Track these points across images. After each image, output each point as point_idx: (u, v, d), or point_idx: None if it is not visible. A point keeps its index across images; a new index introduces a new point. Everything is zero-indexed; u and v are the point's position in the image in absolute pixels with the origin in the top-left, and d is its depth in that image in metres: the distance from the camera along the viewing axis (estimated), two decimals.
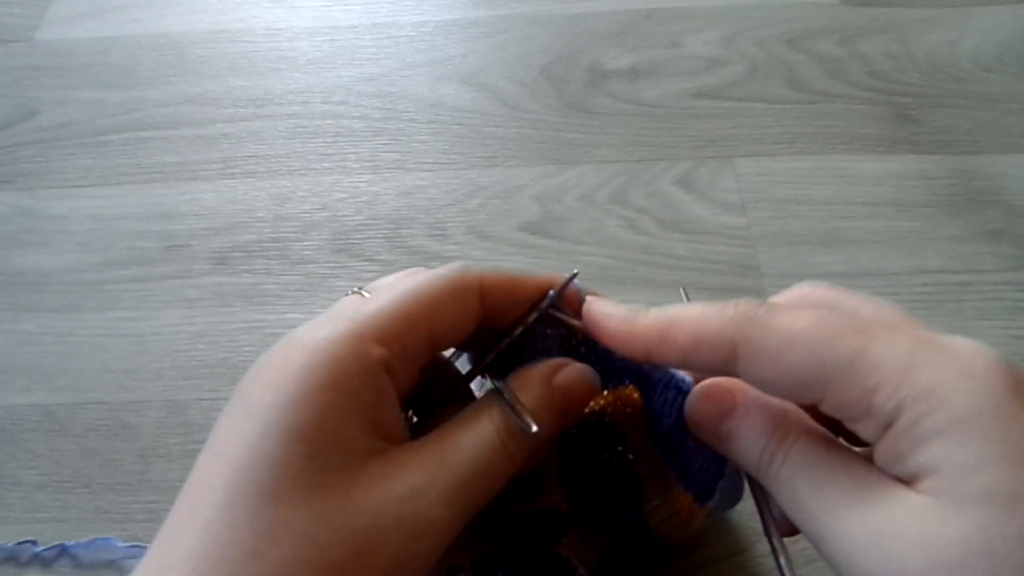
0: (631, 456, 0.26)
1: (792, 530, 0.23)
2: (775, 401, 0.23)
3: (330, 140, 0.50)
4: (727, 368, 0.21)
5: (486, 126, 0.50)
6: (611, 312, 0.24)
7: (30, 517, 0.36)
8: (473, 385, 0.26)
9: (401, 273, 0.25)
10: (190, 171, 0.49)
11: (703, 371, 0.24)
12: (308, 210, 0.47)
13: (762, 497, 0.23)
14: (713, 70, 0.52)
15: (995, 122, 0.49)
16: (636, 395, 0.26)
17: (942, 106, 0.50)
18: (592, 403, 0.26)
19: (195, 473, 0.20)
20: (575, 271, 0.25)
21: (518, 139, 0.49)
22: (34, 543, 0.35)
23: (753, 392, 0.23)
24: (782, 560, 0.22)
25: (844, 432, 0.21)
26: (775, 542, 0.23)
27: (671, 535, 0.27)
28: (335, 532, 0.19)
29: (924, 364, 0.19)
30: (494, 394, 0.23)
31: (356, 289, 0.24)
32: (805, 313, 0.20)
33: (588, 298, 0.25)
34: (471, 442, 0.22)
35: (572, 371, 0.24)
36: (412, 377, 0.23)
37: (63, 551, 0.35)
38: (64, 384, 0.40)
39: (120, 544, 0.35)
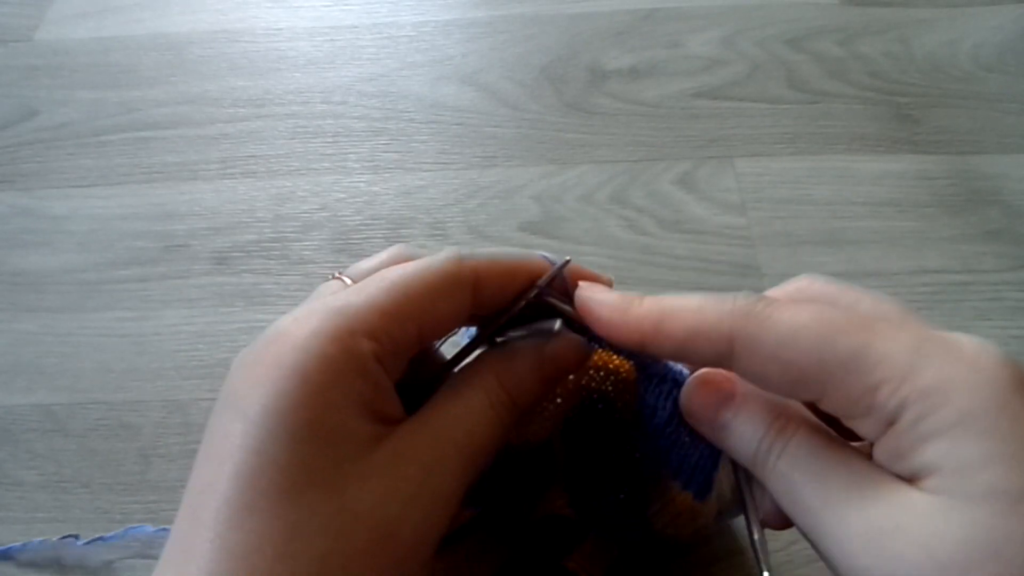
0: (638, 455, 0.26)
1: (783, 523, 0.22)
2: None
3: (330, 140, 0.50)
4: (723, 363, 0.21)
5: (486, 126, 0.50)
6: (604, 299, 0.23)
7: (30, 517, 0.36)
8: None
9: (383, 255, 0.25)
10: (190, 171, 0.49)
11: (698, 364, 0.24)
12: (308, 210, 0.47)
13: (747, 488, 0.23)
14: (713, 70, 0.52)
15: (995, 122, 0.49)
16: (628, 366, 0.25)
17: (942, 106, 0.50)
18: (587, 378, 0.26)
19: (195, 482, 0.20)
20: (567, 259, 0.24)
21: (518, 139, 0.49)
22: (76, 537, 0.35)
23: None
24: (761, 557, 0.22)
25: (841, 428, 0.21)
26: (757, 536, 0.22)
27: (677, 535, 0.26)
28: (358, 520, 0.19)
29: (928, 361, 0.18)
30: (482, 358, 0.24)
31: (337, 274, 0.24)
32: (805, 308, 0.20)
33: (581, 284, 0.24)
34: (468, 414, 0.22)
35: (562, 340, 0.24)
36: (402, 367, 0.22)
37: (101, 541, 0.35)
38: (64, 384, 0.40)
39: (151, 529, 0.35)
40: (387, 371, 0.21)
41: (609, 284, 0.25)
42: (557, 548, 0.27)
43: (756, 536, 0.22)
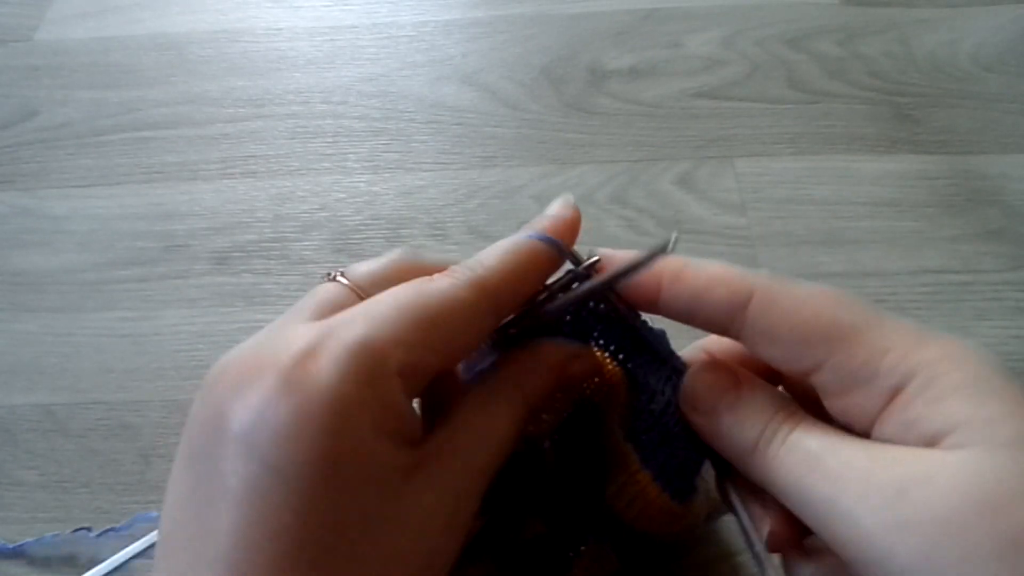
0: (605, 441, 0.25)
1: (775, 547, 0.22)
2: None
3: (330, 140, 0.50)
4: (734, 318, 0.22)
5: (486, 126, 0.50)
6: (626, 253, 0.24)
7: (30, 517, 0.36)
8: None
9: (384, 259, 0.24)
10: (190, 171, 0.49)
11: (706, 320, 0.23)
12: (308, 210, 0.47)
13: (736, 497, 0.23)
14: (713, 70, 0.52)
15: (995, 122, 0.49)
16: (618, 372, 0.25)
17: (942, 106, 0.50)
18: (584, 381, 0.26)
19: (214, 524, 0.18)
20: (593, 258, 0.25)
21: (518, 139, 0.49)
22: (89, 529, 0.35)
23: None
24: (764, 562, 0.22)
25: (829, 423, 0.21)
26: (758, 547, 0.22)
27: (657, 531, 0.26)
28: (403, 556, 0.19)
29: (931, 338, 0.20)
30: (506, 374, 0.24)
31: (333, 274, 0.23)
32: (821, 286, 0.22)
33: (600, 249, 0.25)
34: (494, 431, 0.22)
35: (581, 355, 0.25)
36: (420, 391, 0.22)
37: (113, 531, 0.35)
38: (64, 384, 0.40)
39: (157, 515, 0.35)
40: (409, 399, 0.21)
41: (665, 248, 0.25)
42: (555, 565, 0.27)
43: (758, 548, 0.22)
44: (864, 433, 0.20)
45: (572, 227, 0.25)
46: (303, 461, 0.18)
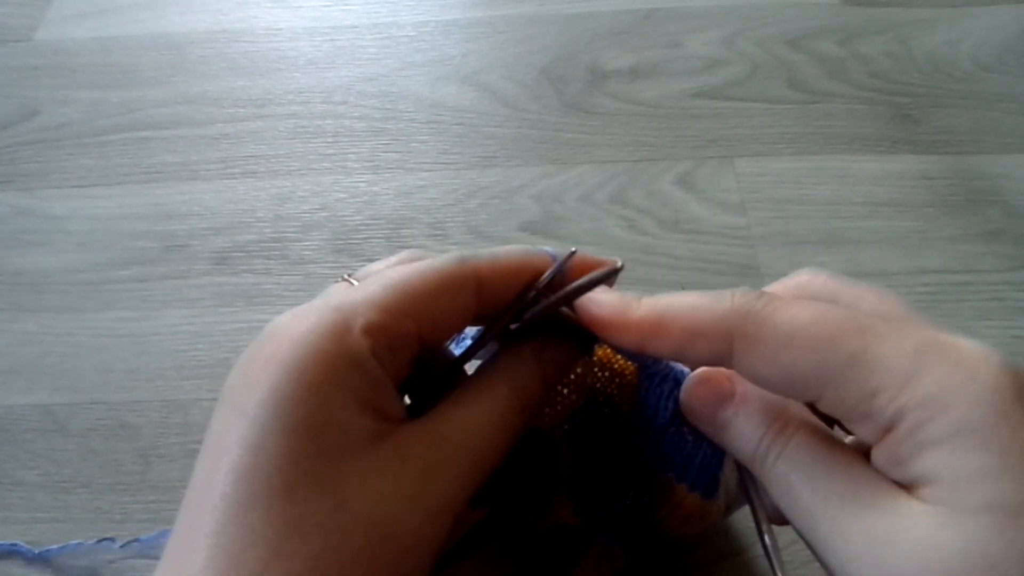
0: (643, 458, 0.25)
1: (782, 519, 0.22)
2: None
3: (330, 140, 0.50)
4: (723, 361, 0.21)
5: (486, 126, 0.50)
6: (603, 301, 0.23)
7: (30, 517, 0.36)
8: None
9: (393, 259, 0.25)
10: (190, 171, 0.49)
11: (698, 364, 0.24)
12: (308, 210, 0.47)
13: (753, 489, 0.23)
14: (713, 70, 0.52)
15: (995, 122, 0.49)
16: (632, 368, 0.25)
17: (942, 106, 0.50)
18: (593, 377, 0.26)
19: (195, 480, 0.20)
20: (572, 250, 0.24)
21: (518, 139, 0.49)
22: (113, 540, 0.35)
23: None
24: (774, 559, 0.22)
25: (843, 425, 0.21)
26: (767, 537, 0.22)
27: (686, 535, 0.26)
28: (355, 519, 0.19)
29: (927, 368, 0.18)
30: (492, 365, 0.24)
31: (346, 276, 0.24)
32: (805, 308, 0.20)
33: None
34: (474, 418, 0.22)
35: (559, 346, 0.24)
36: (402, 367, 0.22)
37: (137, 542, 0.35)
38: (64, 384, 0.40)
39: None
40: (385, 368, 0.21)
41: (616, 268, 0.24)
42: (563, 559, 0.27)
43: (768, 541, 0.22)
44: (866, 449, 0.20)
45: (596, 267, 0.24)
46: (259, 400, 0.19)
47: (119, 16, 0.58)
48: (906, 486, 0.19)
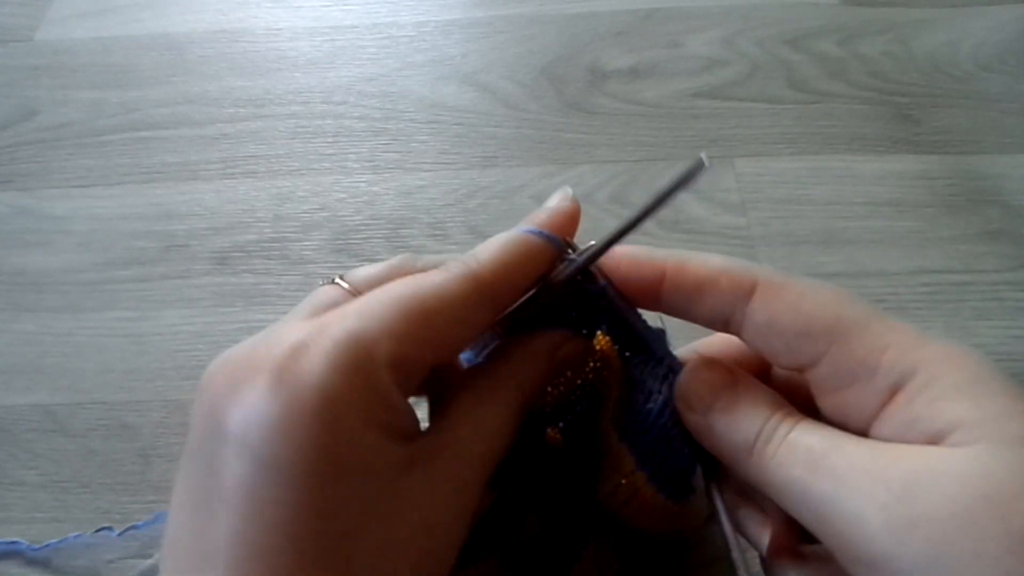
0: (625, 444, 0.25)
1: (776, 554, 0.22)
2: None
3: (330, 140, 0.50)
4: (736, 309, 0.22)
5: (486, 126, 0.50)
6: (629, 247, 0.24)
7: (30, 517, 0.36)
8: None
9: (384, 265, 0.24)
10: (190, 171, 0.49)
11: (709, 310, 0.23)
12: (308, 210, 0.47)
13: (719, 499, 0.23)
14: (713, 70, 0.52)
15: (995, 122, 0.49)
16: (608, 347, 0.25)
17: (942, 106, 0.50)
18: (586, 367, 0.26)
19: (217, 530, 0.18)
20: (590, 244, 0.25)
21: (518, 139, 0.49)
22: (110, 529, 0.35)
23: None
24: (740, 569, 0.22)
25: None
26: (734, 552, 0.22)
27: (657, 532, 0.26)
28: (401, 555, 0.19)
29: (931, 340, 0.20)
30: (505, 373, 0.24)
31: (336, 279, 0.23)
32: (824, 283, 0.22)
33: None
34: (491, 425, 0.22)
35: (571, 343, 0.25)
36: (416, 386, 0.22)
37: (135, 529, 0.35)
38: (64, 384, 0.40)
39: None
40: (404, 392, 0.21)
41: (703, 164, 0.26)
42: (555, 567, 0.26)
43: (735, 555, 0.22)
44: (860, 432, 0.20)
45: (571, 219, 0.25)
46: (292, 456, 0.18)
47: (119, 16, 0.58)
48: (926, 441, 0.19)
